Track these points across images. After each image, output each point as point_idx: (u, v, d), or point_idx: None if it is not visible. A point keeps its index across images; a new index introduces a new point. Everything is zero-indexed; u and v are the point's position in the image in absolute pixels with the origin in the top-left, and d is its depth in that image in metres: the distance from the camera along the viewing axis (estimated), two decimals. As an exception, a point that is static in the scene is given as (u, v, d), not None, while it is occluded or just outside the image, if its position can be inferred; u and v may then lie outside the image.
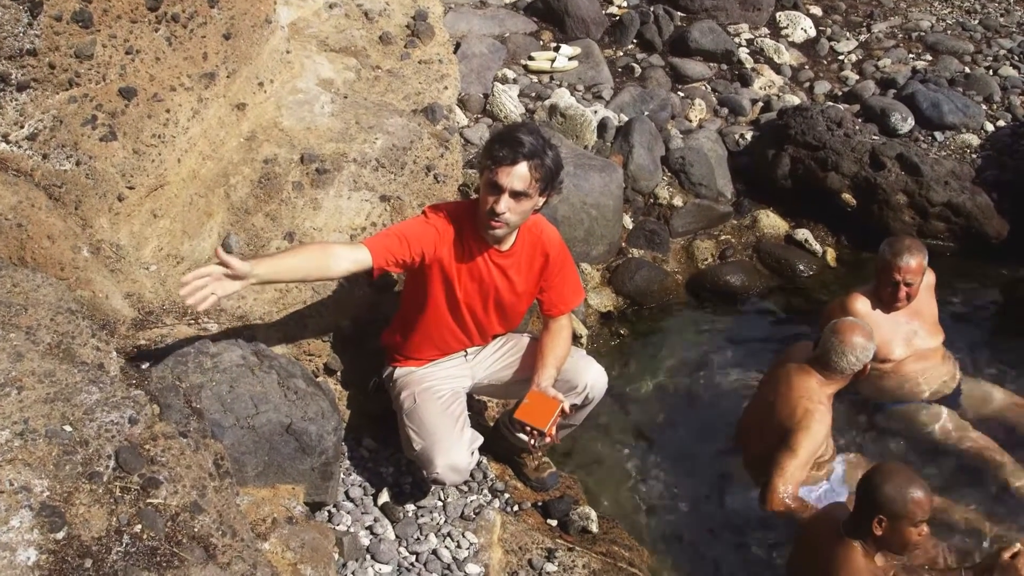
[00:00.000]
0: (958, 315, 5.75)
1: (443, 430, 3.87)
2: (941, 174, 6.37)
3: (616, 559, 4.12)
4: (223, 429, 3.31)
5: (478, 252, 3.81)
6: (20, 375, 2.79)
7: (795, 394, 4.45)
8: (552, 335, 4.05)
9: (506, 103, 6.52)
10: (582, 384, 4.08)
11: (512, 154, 3.56)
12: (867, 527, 3.74)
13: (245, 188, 4.21)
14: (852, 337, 4.40)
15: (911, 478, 3.76)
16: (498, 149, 3.59)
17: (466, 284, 3.86)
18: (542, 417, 3.80)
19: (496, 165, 3.58)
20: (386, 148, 4.54)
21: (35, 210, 3.57)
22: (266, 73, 4.46)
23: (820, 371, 4.46)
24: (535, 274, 3.97)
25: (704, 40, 7.63)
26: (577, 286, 4.18)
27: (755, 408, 4.78)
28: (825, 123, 6.58)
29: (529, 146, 3.56)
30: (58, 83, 3.72)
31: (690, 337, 5.90)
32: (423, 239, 3.71)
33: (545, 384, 3.89)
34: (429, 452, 3.83)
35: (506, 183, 3.57)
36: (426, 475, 3.92)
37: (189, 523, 2.67)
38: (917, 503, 3.68)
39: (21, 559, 2.34)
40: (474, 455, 3.93)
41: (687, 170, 6.56)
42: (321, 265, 3.54)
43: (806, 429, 4.33)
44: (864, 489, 3.77)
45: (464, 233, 3.77)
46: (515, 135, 3.61)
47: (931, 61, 7.73)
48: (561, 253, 4.02)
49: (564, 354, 4.04)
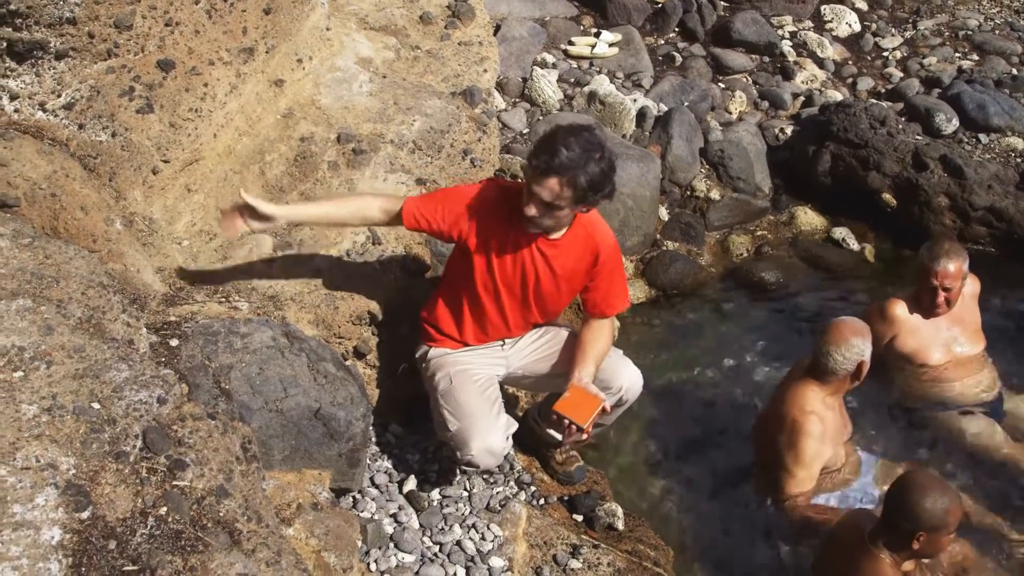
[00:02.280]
0: (997, 322, 5.62)
1: (480, 412, 3.81)
2: (984, 177, 6.24)
3: (641, 558, 4.06)
4: (251, 412, 3.26)
5: (525, 236, 3.74)
6: (50, 349, 2.75)
7: (786, 407, 4.36)
8: (594, 330, 3.97)
9: (545, 88, 6.44)
10: (617, 385, 4.02)
11: (545, 165, 3.46)
12: (905, 543, 3.67)
13: (280, 166, 4.16)
14: (839, 333, 4.25)
15: (944, 487, 3.70)
16: (537, 154, 3.50)
17: (507, 265, 3.79)
18: (583, 414, 3.74)
19: (531, 171, 3.52)
20: (423, 130, 4.48)
21: (69, 180, 3.53)
22: (305, 50, 4.41)
23: (815, 377, 4.33)
24: (582, 270, 3.88)
25: (747, 31, 7.52)
26: (624, 292, 4.09)
27: (764, 414, 4.72)
28: (868, 121, 6.47)
29: (565, 159, 3.43)
30: (96, 53, 3.68)
31: (722, 332, 5.83)
32: (463, 210, 3.68)
33: (587, 380, 3.82)
34: (465, 433, 3.77)
35: (537, 191, 3.51)
36: (459, 457, 3.84)
37: (215, 507, 2.63)
38: (953, 513, 3.64)
39: (45, 538, 2.29)
40: (508, 440, 3.88)
41: (726, 163, 6.48)
42: (352, 210, 3.79)
43: (794, 445, 4.25)
44: (899, 505, 3.67)
45: (514, 215, 3.69)
46: (555, 144, 3.47)
47: (978, 61, 7.59)
48: (613, 256, 3.93)
49: (605, 351, 3.96)
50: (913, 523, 3.62)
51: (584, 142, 3.49)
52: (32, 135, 3.61)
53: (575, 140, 3.48)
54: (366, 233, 4.18)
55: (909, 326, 4.78)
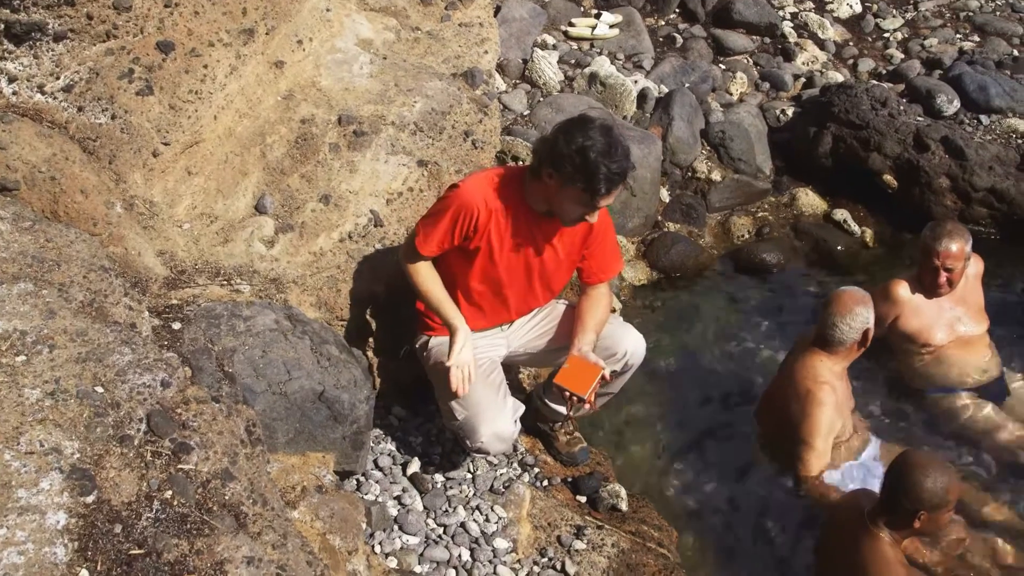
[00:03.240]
0: (998, 303, 5.61)
1: (486, 399, 3.80)
2: (986, 159, 6.22)
3: (645, 539, 4.05)
4: (255, 395, 3.25)
5: (524, 220, 3.74)
6: (52, 333, 2.73)
7: (798, 376, 4.39)
8: (592, 300, 3.98)
9: (545, 69, 6.41)
10: (621, 351, 4.02)
11: (615, 185, 3.53)
12: (906, 522, 3.68)
13: (281, 148, 4.13)
14: (843, 303, 4.30)
15: (943, 467, 3.73)
16: (605, 183, 3.49)
17: (510, 255, 3.79)
18: (583, 383, 3.75)
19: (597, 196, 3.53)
20: (425, 112, 4.45)
21: (69, 163, 3.50)
22: (305, 31, 4.37)
23: (823, 348, 4.37)
24: (579, 241, 3.89)
25: (748, 12, 7.49)
26: (617, 254, 4.11)
27: (771, 390, 4.74)
28: (869, 102, 6.44)
29: (625, 170, 3.54)
30: (95, 34, 3.65)
31: (724, 314, 5.82)
32: (469, 219, 3.66)
33: (586, 348, 3.83)
34: (473, 422, 3.77)
35: (603, 203, 3.58)
36: (469, 445, 3.84)
37: (220, 490, 2.62)
38: (952, 490, 3.67)
39: (51, 522, 2.29)
40: (517, 424, 3.88)
41: (727, 145, 6.45)
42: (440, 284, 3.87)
43: (810, 415, 4.26)
44: (900, 485, 3.68)
45: (512, 201, 3.69)
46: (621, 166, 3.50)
47: (979, 42, 7.55)
48: (604, 220, 3.93)
49: (604, 319, 3.97)
50: (914, 503, 3.63)
51: (627, 150, 3.57)
52: (31, 118, 3.58)
53: (621, 149, 3.53)
54: (367, 216, 4.17)
55: (912, 306, 4.78)
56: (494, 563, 3.74)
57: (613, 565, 3.84)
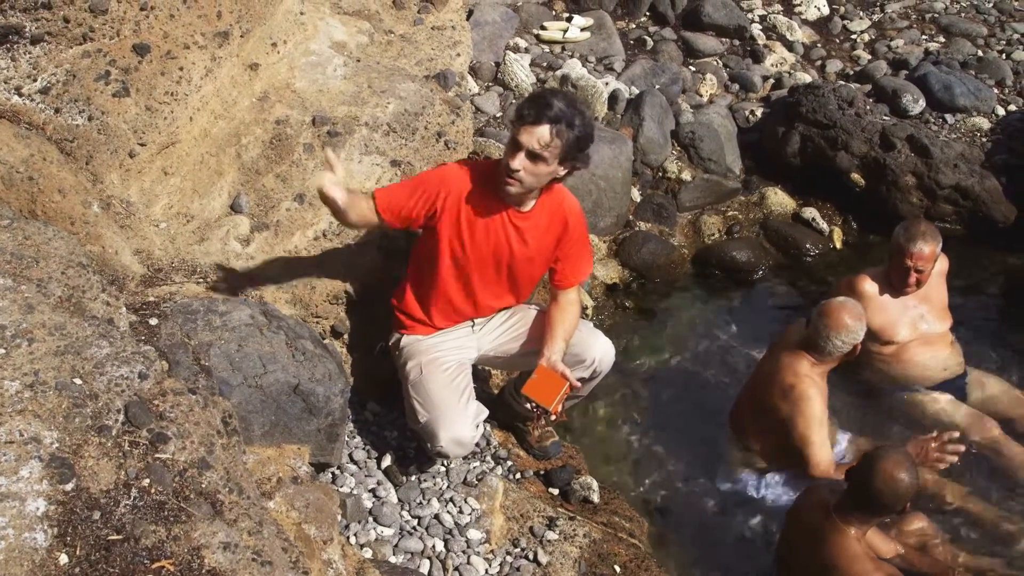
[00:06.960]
0: (962, 300, 5.71)
1: (448, 403, 3.83)
2: (951, 157, 6.34)
3: (616, 529, 4.13)
4: (231, 387, 3.31)
5: (496, 211, 3.79)
6: (31, 327, 2.78)
7: (785, 376, 4.43)
8: (562, 308, 4.01)
9: (518, 72, 6.49)
10: (590, 358, 4.07)
11: (536, 114, 3.53)
12: (870, 516, 3.82)
13: (256, 148, 4.20)
14: (839, 319, 4.33)
15: (908, 461, 3.80)
16: (526, 107, 3.57)
17: (480, 242, 3.82)
18: (548, 395, 3.78)
19: (520, 123, 3.57)
20: (398, 113, 4.52)
21: (47, 164, 3.56)
22: (280, 34, 4.44)
23: (810, 352, 4.41)
24: (552, 241, 3.93)
25: (717, 15, 7.59)
26: (589, 258, 4.17)
27: (750, 389, 4.77)
28: (836, 102, 6.55)
29: (557, 111, 3.52)
30: (72, 37, 3.70)
31: (695, 312, 5.91)
32: (435, 191, 3.72)
33: (555, 358, 3.86)
34: (433, 425, 3.80)
35: (525, 141, 3.55)
36: (429, 448, 3.90)
37: (197, 479, 2.67)
38: (915, 486, 3.79)
39: (30, 509, 2.34)
40: (479, 428, 3.89)
41: (696, 145, 6.54)
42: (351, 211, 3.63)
43: (802, 412, 4.33)
44: (865, 480, 3.75)
45: (485, 190, 3.75)
46: (547, 98, 3.58)
47: (944, 43, 7.69)
48: (580, 224, 3.99)
49: (573, 327, 4.01)
50: (878, 496, 3.72)
51: (572, 103, 3.60)
52: (8, 119, 3.63)
53: (563, 98, 3.59)
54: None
55: (877, 302, 4.84)
56: (468, 553, 3.81)
57: (585, 555, 3.91)
